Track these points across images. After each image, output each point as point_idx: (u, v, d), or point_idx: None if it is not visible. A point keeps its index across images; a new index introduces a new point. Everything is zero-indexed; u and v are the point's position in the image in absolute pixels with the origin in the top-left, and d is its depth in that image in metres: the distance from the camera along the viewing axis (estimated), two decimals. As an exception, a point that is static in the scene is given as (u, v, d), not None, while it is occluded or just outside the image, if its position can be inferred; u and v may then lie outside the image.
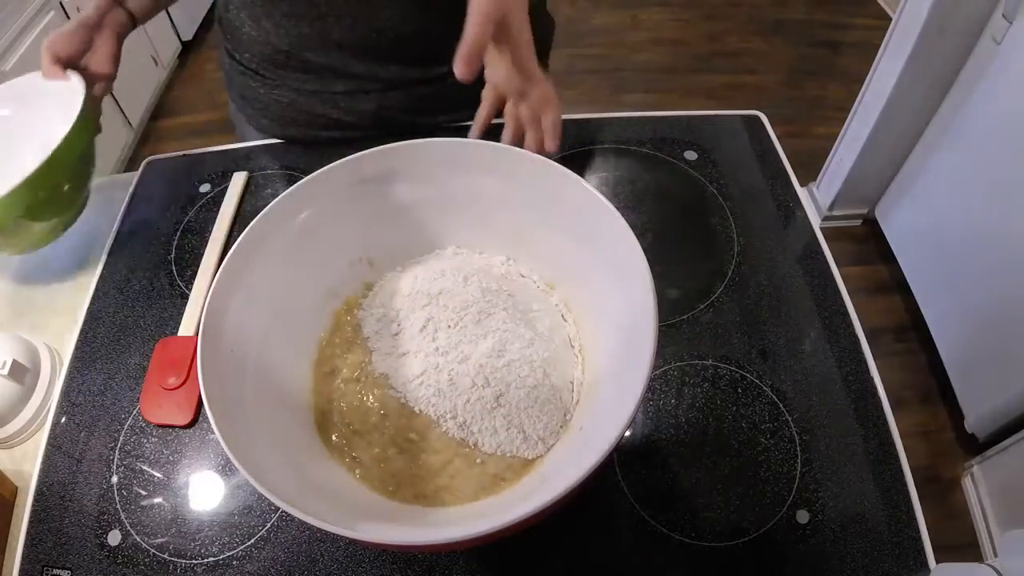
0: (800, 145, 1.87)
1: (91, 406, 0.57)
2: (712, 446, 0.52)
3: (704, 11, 2.41)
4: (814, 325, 0.59)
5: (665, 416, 0.54)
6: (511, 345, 0.49)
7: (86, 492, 0.52)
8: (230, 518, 0.50)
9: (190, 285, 0.64)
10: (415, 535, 0.41)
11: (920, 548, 0.47)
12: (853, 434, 0.52)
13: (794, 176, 0.70)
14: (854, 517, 0.49)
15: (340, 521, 0.35)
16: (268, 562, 0.48)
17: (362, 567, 0.48)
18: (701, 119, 0.76)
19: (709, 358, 0.57)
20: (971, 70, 1.29)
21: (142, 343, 0.61)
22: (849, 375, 0.56)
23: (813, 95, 2.11)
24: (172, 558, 0.49)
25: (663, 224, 0.66)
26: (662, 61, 2.26)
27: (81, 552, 0.49)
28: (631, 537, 0.48)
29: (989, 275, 1.25)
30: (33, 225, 0.61)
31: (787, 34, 2.32)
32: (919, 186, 1.47)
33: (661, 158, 0.72)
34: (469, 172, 0.52)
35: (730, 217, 0.67)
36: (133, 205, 0.72)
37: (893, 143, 1.49)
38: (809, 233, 0.65)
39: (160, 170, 0.76)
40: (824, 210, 1.71)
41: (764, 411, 0.54)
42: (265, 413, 0.44)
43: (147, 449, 0.54)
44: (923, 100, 1.39)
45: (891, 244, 1.59)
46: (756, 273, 0.62)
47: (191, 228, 0.69)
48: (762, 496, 0.50)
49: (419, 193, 0.53)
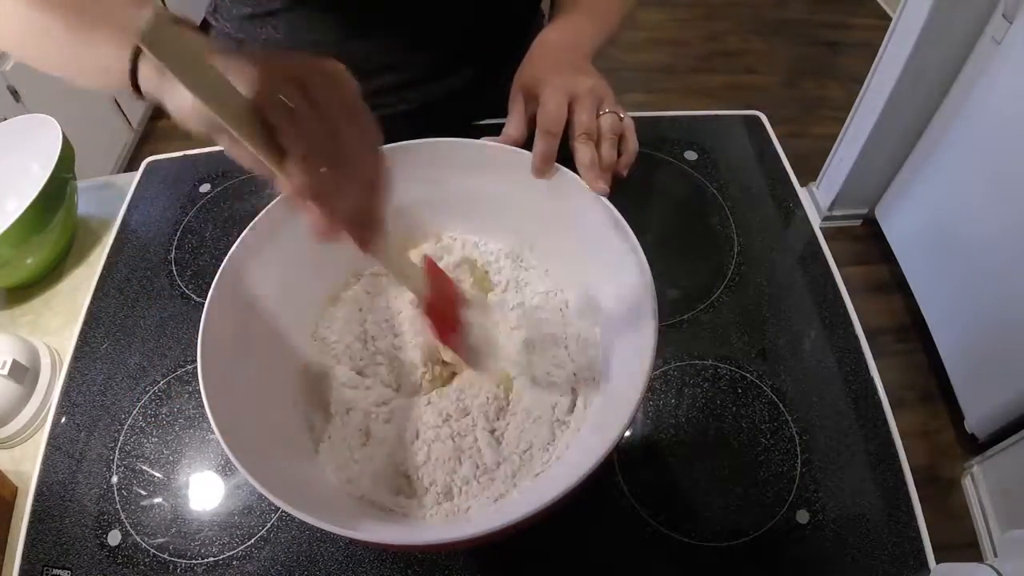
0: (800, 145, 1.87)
1: (91, 406, 0.57)
2: (712, 446, 0.52)
3: (704, 11, 2.42)
4: (814, 325, 0.59)
5: (665, 416, 0.54)
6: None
7: (86, 492, 0.52)
8: (230, 518, 0.50)
9: (190, 285, 0.64)
10: (415, 535, 0.41)
11: (920, 548, 0.47)
12: (853, 434, 0.52)
13: (794, 176, 0.70)
14: (854, 517, 0.49)
15: (340, 521, 0.35)
16: (268, 562, 0.48)
17: (362, 567, 0.48)
18: (701, 119, 0.76)
19: (709, 358, 0.57)
20: (971, 70, 1.29)
21: (142, 343, 0.61)
22: (849, 375, 0.56)
23: (813, 95, 2.12)
24: (172, 558, 0.49)
25: (663, 224, 0.66)
26: (662, 61, 2.26)
27: (81, 552, 0.49)
28: (631, 537, 0.48)
29: (989, 275, 1.25)
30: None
31: (787, 34, 2.32)
32: (919, 186, 1.47)
33: (661, 158, 0.72)
34: (469, 172, 0.52)
35: (730, 217, 0.67)
36: (133, 205, 0.72)
37: (893, 143, 1.49)
38: (809, 233, 0.65)
39: (160, 170, 0.76)
40: (824, 210, 1.71)
41: (764, 411, 0.54)
42: (266, 413, 0.44)
43: (147, 449, 0.54)
44: (923, 100, 1.39)
45: (891, 244, 1.59)
46: (756, 273, 0.62)
47: (191, 228, 0.69)
48: (762, 496, 0.50)
49: (419, 193, 0.53)
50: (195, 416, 0.56)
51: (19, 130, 0.70)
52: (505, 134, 0.53)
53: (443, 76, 0.71)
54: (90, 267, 0.68)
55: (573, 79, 0.52)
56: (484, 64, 0.72)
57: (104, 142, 1.85)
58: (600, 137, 0.50)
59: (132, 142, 1.99)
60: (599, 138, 0.50)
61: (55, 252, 0.68)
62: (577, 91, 0.51)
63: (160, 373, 0.59)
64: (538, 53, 0.58)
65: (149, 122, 2.10)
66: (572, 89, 0.52)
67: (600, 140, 0.50)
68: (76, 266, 0.70)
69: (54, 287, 0.68)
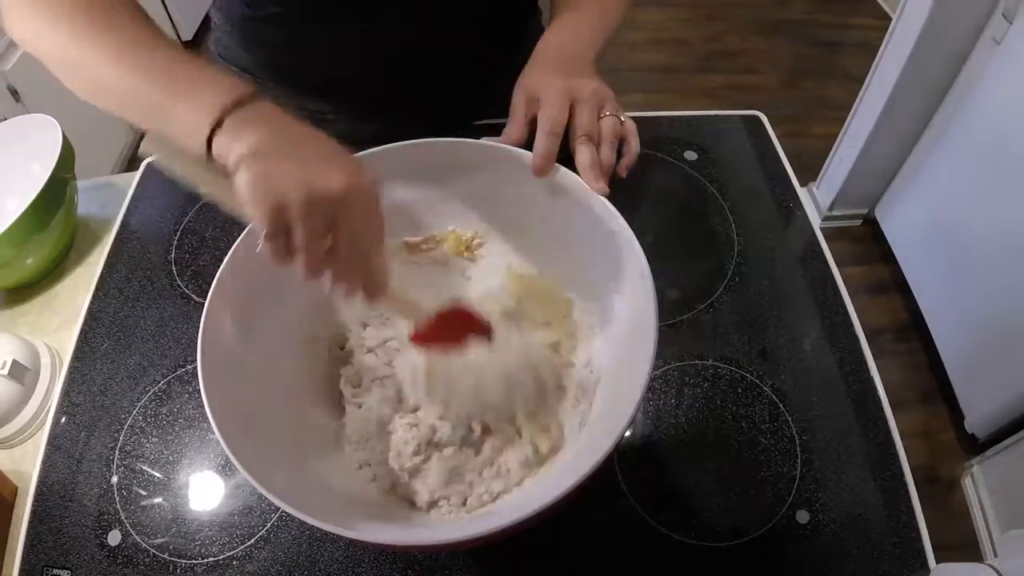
0: (800, 145, 1.87)
1: (91, 406, 0.57)
2: (712, 446, 0.52)
3: (704, 11, 2.41)
4: (814, 325, 0.59)
5: (665, 416, 0.54)
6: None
7: (86, 492, 0.52)
8: (230, 518, 0.50)
9: (190, 285, 0.64)
10: (415, 535, 0.41)
11: (920, 548, 0.47)
12: (853, 434, 0.52)
13: (794, 176, 0.70)
14: (854, 517, 0.49)
15: (340, 521, 0.35)
16: (268, 562, 0.48)
17: (362, 567, 0.48)
18: (701, 119, 0.76)
19: (709, 358, 0.57)
20: (971, 70, 1.29)
21: (142, 343, 0.61)
22: (849, 375, 0.56)
23: (813, 95, 2.11)
24: (172, 558, 0.49)
25: (663, 224, 0.66)
26: (662, 61, 2.26)
27: (81, 552, 0.49)
28: (631, 537, 0.48)
29: (989, 275, 1.25)
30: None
31: (787, 34, 2.32)
32: (919, 186, 1.47)
33: (661, 158, 0.72)
34: (469, 172, 0.52)
35: (730, 217, 0.66)
36: (133, 205, 0.72)
37: (893, 143, 1.49)
38: (809, 233, 0.65)
39: (160, 170, 0.76)
40: (824, 210, 1.70)
41: (764, 411, 0.54)
42: (266, 413, 0.44)
43: (147, 449, 0.54)
44: (923, 100, 1.39)
45: (891, 244, 1.59)
46: (756, 273, 0.62)
47: (191, 228, 0.69)
48: (762, 496, 0.50)
49: (419, 193, 0.53)
50: (195, 416, 0.56)
51: (19, 130, 0.70)
52: (506, 134, 0.53)
53: (443, 77, 0.71)
54: (90, 267, 0.68)
55: (575, 82, 0.52)
56: (484, 64, 0.72)
57: (104, 142, 1.85)
58: (600, 139, 0.51)
59: (132, 142, 1.99)
60: (599, 140, 0.51)
61: (55, 252, 0.68)
62: (578, 94, 0.52)
63: (160, 373, 0.59)
64: (541, 57, 0.58)
65: (149, 122, 2.09)
66: (574, 92, 0.52)
67: (600, 142, 0.51)
68: (76, 266, 0.70)
69: (54, 287, 0.68)
